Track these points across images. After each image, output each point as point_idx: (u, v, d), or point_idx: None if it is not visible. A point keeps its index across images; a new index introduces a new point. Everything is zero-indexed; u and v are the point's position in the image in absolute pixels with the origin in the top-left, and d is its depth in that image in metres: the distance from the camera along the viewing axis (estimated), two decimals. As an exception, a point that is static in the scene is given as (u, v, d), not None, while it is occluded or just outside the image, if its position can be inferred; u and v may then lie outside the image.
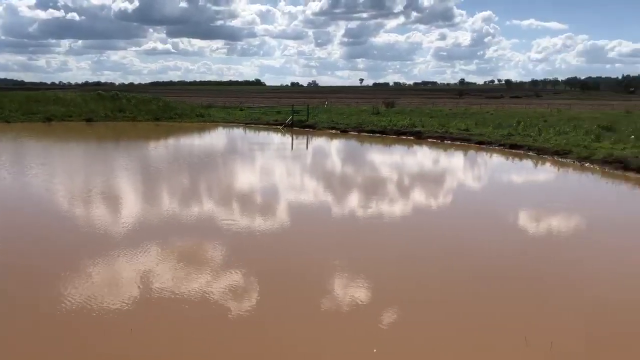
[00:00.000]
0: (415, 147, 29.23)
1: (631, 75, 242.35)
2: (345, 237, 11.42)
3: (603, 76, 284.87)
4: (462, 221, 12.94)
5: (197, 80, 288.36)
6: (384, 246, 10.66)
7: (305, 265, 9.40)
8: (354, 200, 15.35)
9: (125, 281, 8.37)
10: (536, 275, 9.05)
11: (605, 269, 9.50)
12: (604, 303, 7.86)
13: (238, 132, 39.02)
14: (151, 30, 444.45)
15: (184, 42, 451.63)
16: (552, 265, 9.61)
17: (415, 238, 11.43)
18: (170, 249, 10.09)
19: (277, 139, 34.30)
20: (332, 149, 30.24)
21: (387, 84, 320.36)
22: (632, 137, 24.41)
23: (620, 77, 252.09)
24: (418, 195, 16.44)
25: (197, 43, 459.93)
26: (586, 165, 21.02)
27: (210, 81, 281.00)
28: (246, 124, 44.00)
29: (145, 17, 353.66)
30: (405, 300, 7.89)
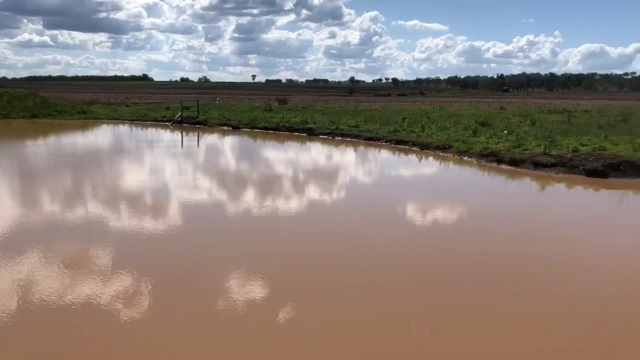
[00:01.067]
0: (308, 144, 29.64)
1: (504, 74, 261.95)
2: (239, 235, 11.36)
3: (480, 75, 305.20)
4: (355, 215, 13.34)
5: (79, 75, 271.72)
6: (278, 243, 10.73)
7: (198, 266, 9.23)
8: (248, 197, 15.30)
9: (1, 290, 7.74)
10: (422, 264, 9.56)
11: (482, 251, 10.23)
12: (483, 286, 8.47)
13: (124, 129, 37.33)
14: (25, 21, 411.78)
15: (63, 35, 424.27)
16: (437, 253, 10.20)
17: (310, 234, 11.62)
18: (50, 255, 9.47)
19: (167, 136, 33.25)
20: (225, 145, 29.87)
21: (279, 81, 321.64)
22: (505, 132, 26.41)
23: (495, 77, 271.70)
24: (312, 191, 16.71)
25: (79, 36, 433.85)
26: (465, 158, 22.45)
27: (93, 76, 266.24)
28: (132, 120, 42.18)
29: (17, 7, 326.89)
30: (300, 295, 8.01)
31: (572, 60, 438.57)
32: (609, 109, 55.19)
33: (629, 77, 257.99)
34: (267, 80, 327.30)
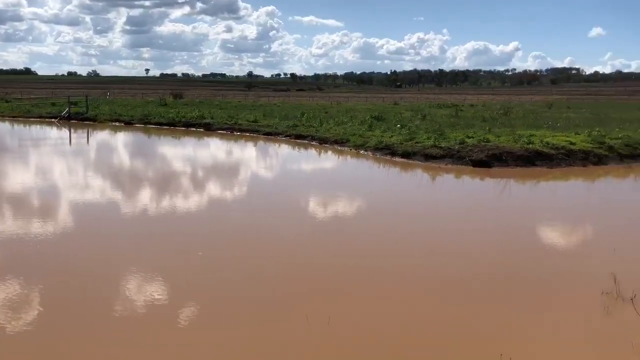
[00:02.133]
0: (206, 139, 29.11)
1: (397, 71, 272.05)
2: (137, 235, 10.95)
3: (375, 71, 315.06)
4: (256, 210, 13.29)
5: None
6: (177, 242, 10.45)
7: (90, 268, 8.78)
8: (143, 197, 14.76)
9: None
10: (321, 256, 9.74)
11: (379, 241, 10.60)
12: (378, 279, 8.78)
13: (4, 126, 34.60)
14: None
15: None
16: (335, 245, 10.43)
17: (209, 232, 11.42)
18: None
19: (53, 134, 31.27)
20: (118, 142, 28.57)
21: (175, 75, 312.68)
22: (398, 126, 27.48)
23: (388, 73, 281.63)
24: (212, 188, 16.44)
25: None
26: (361, 152, 23.09)
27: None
28: (14, 117, 39.25)
29: None
30: (199, 293, 7.87)
31: (459, 57, 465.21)
32: (493, 103, 59.13)
33: (510, 73, 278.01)
34: (162, 75, 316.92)
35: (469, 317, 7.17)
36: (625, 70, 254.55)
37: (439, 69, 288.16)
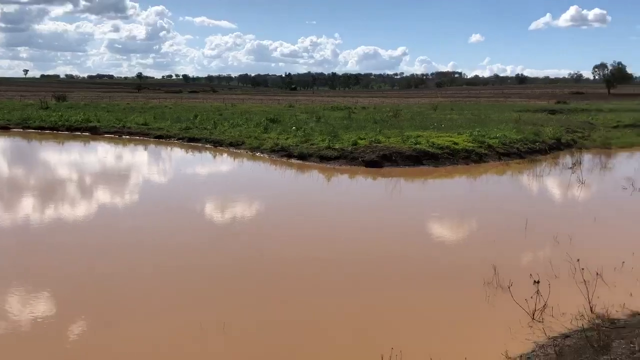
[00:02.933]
0: (92, 144, 27.60)
1: (292, 73, 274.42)
2: (16, 248, 10.14)
3: (270, 74, 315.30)
4: (150, 218, 12.81)
5: None
6: (66, 252, 9.82)
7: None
8: (24, 207, 13.71)
9: None
10: (217, 261, 9.58)
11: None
12: (277, 281, 8.79)
13: None
14: None
15: None
16: (231, 250, 10.30)
17: (99, 241, 10.83)
18: None
19: None
20: (-9, 148, 26.31)
21: (57, 76, 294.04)
22: (294, 128, 27.71)
23: (283, 75, 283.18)
24: (99, 195, 15.61)
25: None
26: (257, 154, 23.01)
27: None
28: None
29: None
30: (89, 306, 7.45)
31: (350, 60, 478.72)
32: (383, 106, 61.28)
33: (398, 77, 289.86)
34: (43, 76, 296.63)
35: (360, 312, 7.40)
36: (502, 74, 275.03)
37: (332, 72, 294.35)
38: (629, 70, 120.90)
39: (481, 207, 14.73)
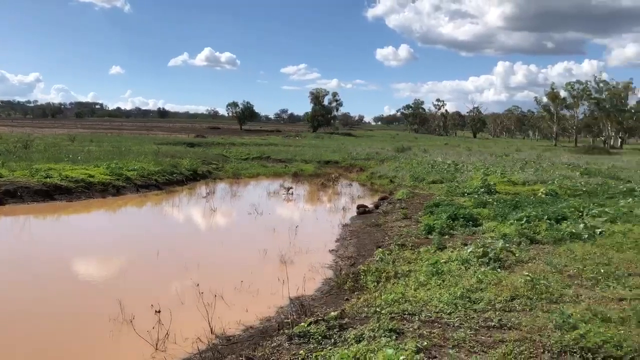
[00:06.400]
0: None
1: None
2: None
3: None
4: None
5: None
6: None
7: None
8: None
9: None
10: None
11: None
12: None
13: None
14: None
15: None
16: None
17: None
18: None
19: None
20: None
21: None
22: None
23: None
24: None
25: None
26: None
27: None
28: None
29: None
30: None
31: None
32: (12, 135, 54.61)
33: (32, 105, 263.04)
34: None
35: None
36: (144, 107, 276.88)
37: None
38: (256, 109, 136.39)
39: (115, 241, 14.35)
